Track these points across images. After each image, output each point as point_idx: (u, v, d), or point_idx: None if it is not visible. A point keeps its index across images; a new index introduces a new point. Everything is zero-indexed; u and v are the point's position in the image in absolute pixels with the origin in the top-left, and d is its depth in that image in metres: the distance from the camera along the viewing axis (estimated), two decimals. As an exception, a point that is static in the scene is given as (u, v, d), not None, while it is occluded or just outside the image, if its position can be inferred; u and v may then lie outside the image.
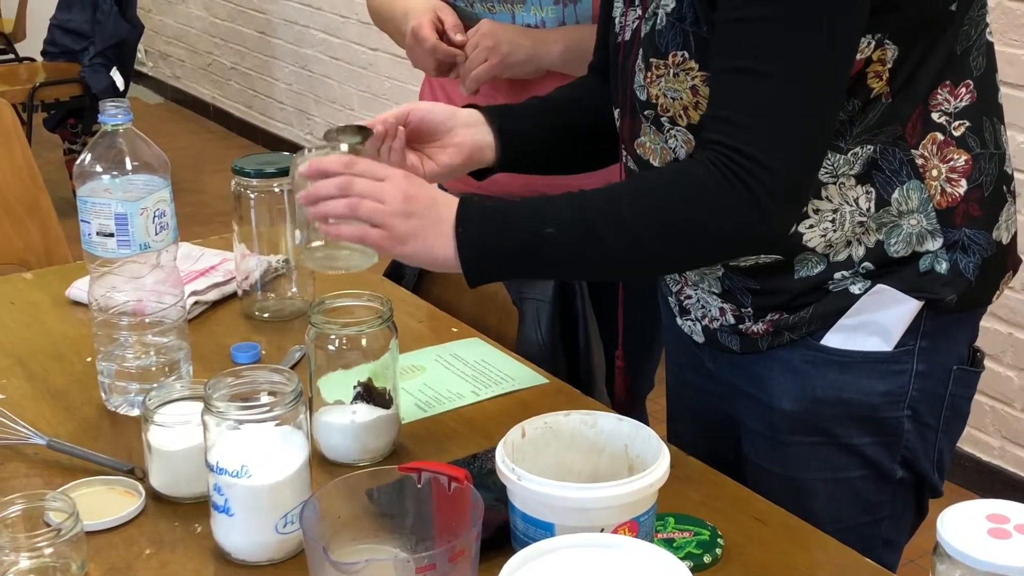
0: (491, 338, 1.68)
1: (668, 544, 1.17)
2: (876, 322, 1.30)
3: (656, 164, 1.33)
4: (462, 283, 1.25)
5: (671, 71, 1.26)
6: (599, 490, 1.03)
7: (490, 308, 1.81)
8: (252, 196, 1.67)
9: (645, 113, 1.32)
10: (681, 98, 1.26)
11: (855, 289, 1.29)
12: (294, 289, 1.74)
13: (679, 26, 1.25)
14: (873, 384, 1.31)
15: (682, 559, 1.02)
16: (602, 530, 1.03)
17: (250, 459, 1.13)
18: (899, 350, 1.30)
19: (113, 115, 1.37)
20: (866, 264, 1.28)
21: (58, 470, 1.33)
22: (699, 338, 1.43)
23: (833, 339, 1.31)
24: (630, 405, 1.58)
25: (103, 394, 1.47)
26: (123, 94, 5.11)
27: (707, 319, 1.40)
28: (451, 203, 1.23)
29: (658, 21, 1.27)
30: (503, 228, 1.22)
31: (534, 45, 1.76)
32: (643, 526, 1.06)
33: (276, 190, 1.67)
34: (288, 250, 1.71)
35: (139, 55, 6.30)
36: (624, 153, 1.41)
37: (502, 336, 1.71)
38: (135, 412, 1.41)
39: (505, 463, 1.06)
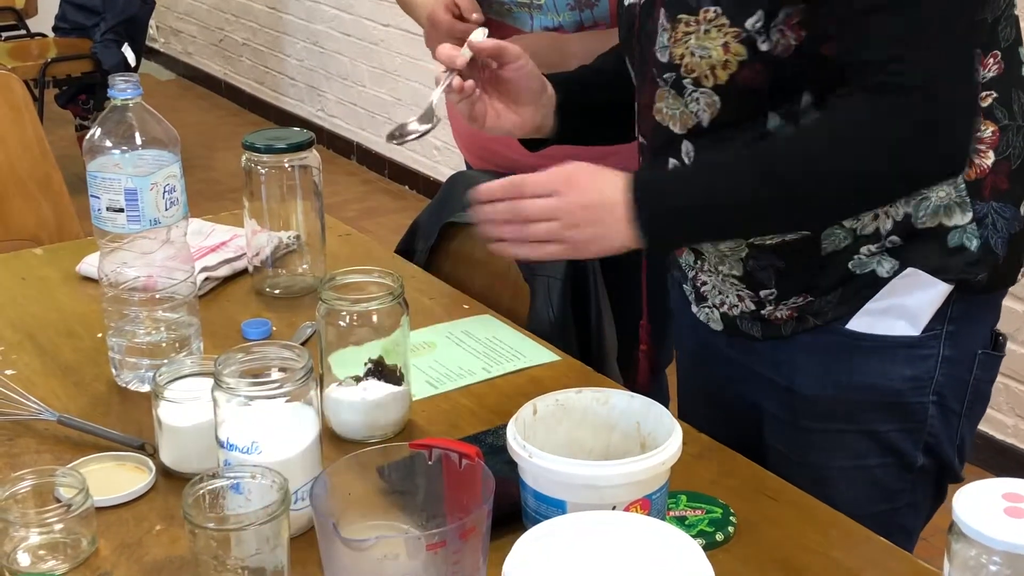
0: (503, 315, 1.67)
1: (680, 522, 1.16)
2: (904, 306, 1.28)
3: (676, 130, 1.32)
4: (474, 260, 1.26)
5: (702, 27, 1.24)
6: (611, 467, 1.03)
7: (502, 285, 1.80)
8: (263, 172, 1.66)
9: (665, 76, 1.30)
10: (710, 56, 1.24)
11: (883, 271, 1.28)
12: (305, 265, 1.73)
13: None
14: (899, 369, 1.29)
15: (694, 537, 1.02)
16: (614, 508, 1.02)
17: (260, 435, 1.13)
18: (926, 334, 1.29)
19: (123, 89, 1.36)
20: (893, 238, 1.27)
21: (68, 446, 1.33)
22: (716, 325, 1.41)
23: (859, 323, 1.30)
24: (650, 385, 1.56)
25: (113, 370, 1.47)
26: (134, 70, 5.10)
27: (726, 306, 1.39)
28: (619, 188, 1.23)
29: None
30: (679, 199, 1.24)
31: (554, 69, 1.75)
32: (655, 504, 1.05)
33: (287, 166, 1.66)
34: (299, 226, 1.71)
35: (150, 31, 6.29)
36: (639, 125, 1.40)
37: (514, 313, 1.71)
38: (145, 388, 1.41)
39: (516, 440, 1.06)
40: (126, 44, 5.06)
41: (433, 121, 1.40)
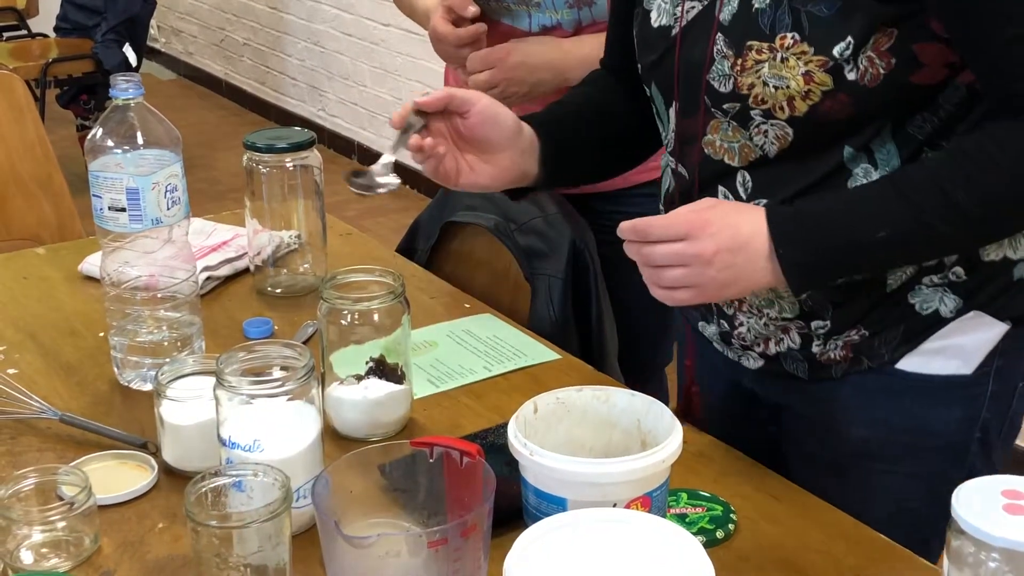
0: (503, 314, 1.67)
1: (681, 519, 1.17)
2: (959, 346, 1.23)
3: (732, 163, 1.23)
4: (475, 259, 1.25)
5: (778, 55, 1.15)
6: (612, 465, 1.03)
7: (503, 284, 1.80)
8: (264, 171, 1.66)
9: (725, 107, 1.21)
10: (788, 86, 1.15)
11: (945, 311, 1.22)
12: (306, 265, 1.74)
13: (788, 4, 1.15)
14: (951, 411, 1.24)
15: (695, 534, 1.02)
16: (615, 505, 1.02)
17: (262, 434, 1.13)
18: (978, 372, 1.24)
19: (124, 89, 1.37)
20: (957, 269, 1.21)
21: (71, 444, 1.33)
22: (752, 363, 1.33)
23: (909, 363, 1.24)
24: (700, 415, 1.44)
25: (116, 369, 1.47)
26: (136, 70, 5.10)
27: (764, 346, 1.30)
28: (758, 232, 1.14)
29: (758, 0, 1.17)
30: (829, 243, 1.15)
31: (555, 77, 1.75)
32: (656, 501, 1.05)
33: (288, 165, 1.66)
34: (300, 225, 1.71)
35: (151, 31, 6.29)
36: (674, 156, 1.31)
37: (514, 312, 1.71)
38: (147, 387, 1.41)
39: (517, 438, 1.06)
40: (127, 44, 5.06)
41: (394, 176, 1.30)
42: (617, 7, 1.42)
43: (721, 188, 1.25)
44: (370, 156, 5.36)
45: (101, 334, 1.55)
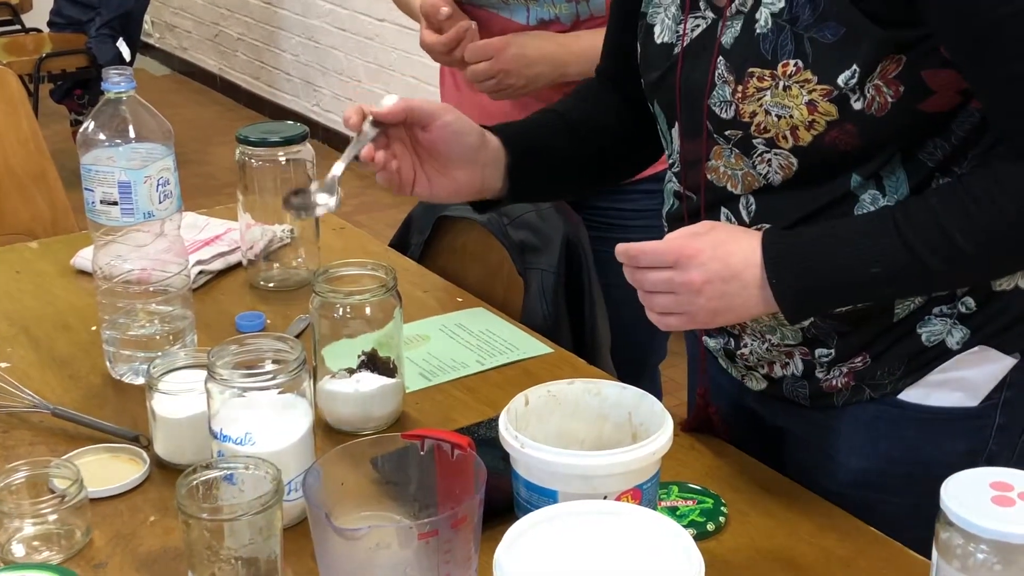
0: (496, 308, 1.68)
1: (672, 512, 1.17)
2: (964, 378, 1.21)
3: (736, 191, 1.20)
4: (467, 254, 1.24)
5: (780, 83, 1.11)
6: (602, 457, 1.03)
7: (495, 278, 1.80)
8: (257, 165, 1.66)
9: (726, 134, 1.18)
10: (791, 116, 1.11)
11: (952, 342, 1.19)
12: (299, 259, 1.74)
13: (790, 30, 1.10)
14: (954, 444, 1.21)
15: (685, 527, 1.02)
16: (605, 497, 1.02)
17: (254, 427, 1.13)
18: (984, 404, 1.21)
19: (116, 83, 1.37)
20: (967, 300, 1.18)
21: (63, 438, 1.33)
22: (755, 385, 1.31)
23: (912, 394, 1.21)
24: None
25: (108, 362, 1.47)
26: (129, 65, 5.09)
27: (772, 366, 1.27)
28: (751, 261, 1.12)
29: (759, 24, 1.12)
30: (822, 275, 1.12)
31: (552, 71, 1.75)
32: (646, 494, 1.06)
33: (281, 159, 1.66)
34: (293, 219, 1.71)
35: (145, 26, 6.28)
36: (679, 177, 1.28)
37: (507, 306, 1.71)
38: (140, 380, 1.42)
39: (508, 430, 1.06)
40: (121, 39, 5.06)
41: (337, 193, 1.23)
42: (617, 14, 1.39)
43: (724, 211, 1.22)
44: (364, 151, 5.36)
45: (93, 328, 1.55)
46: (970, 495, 0.90)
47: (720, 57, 1.16)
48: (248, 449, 1.13)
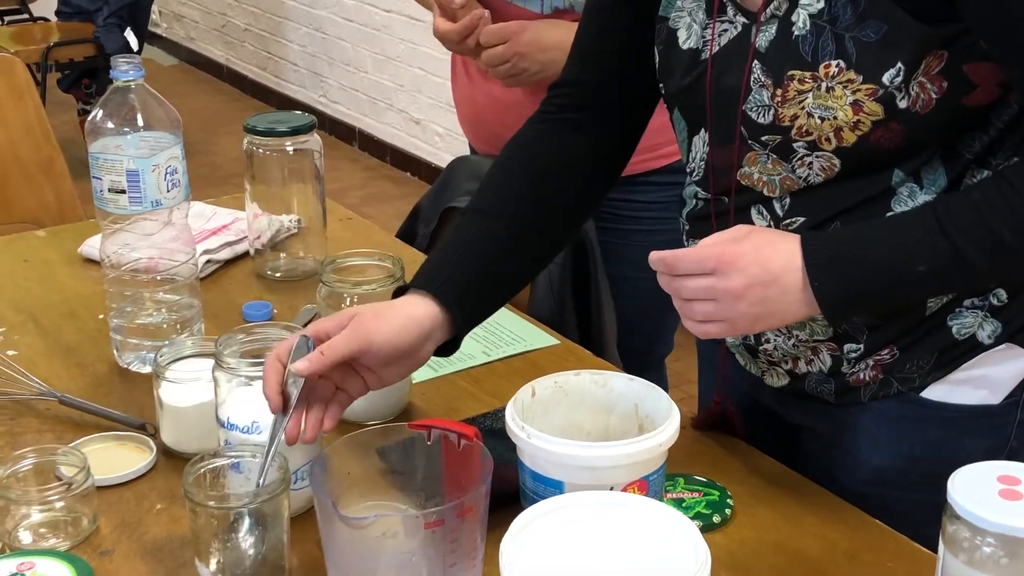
0: (503, 299, 1.67)
1: (678, 504, 1.17)
2: (988, 376, 1.20)
3: (773, 195, 1.18)
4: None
5: (822, 85, 1.10)
6: (609, 448, 1.03)
7: (502, 269, 1.80)
8: (264, 155, 1.67)
9: (763, 139, 1.16)
10: (835, 117, 1.10)
11: (983, 336, 1.18)
12: (306, 249, 1.74)
13: (830, 30, 1.09)
14: (977, 441, 1.21)
15: (691, 519, 1.02)
16: (611, 488, 1.03)
17: (261, 415, 1.13)
18: (1006, 402, 1.21)
19: (125, 71, 1.37)
20: (998, 292, 1.17)
21: (70, 425, 1.33)
22: (776, 382, 1.29)
23: (935, 392, 1.21)
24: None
25: (115, 351, 1.47)
26: (137, 55, 5.09)
27: (797, 362, 1.25)
28: (791, 265, 1.10)
29: (797, 27, 1.10)
30: (866, 276, 1.10)
31: (565, 56, 1.74)
32: (652, 485, 1.06)
33: (288, 149, 1.66)
34: (300, 209, 1.71)
35: (153, 16, 6.28)
36: (703, 183, 1.25)
37: (514, 298, 1.71)
38: (146, 369, 1.42)
39: (515, 421, 1.06)
40: (128, 29, 5.06)
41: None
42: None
43: (759, 207, 1.20)
44: (371, 142, 5.36)
45: (101, 316, 1.55)
46: (977, 488, 0.90)
47: (755, 62, 1.14)
48: (255, 438, 1.13)
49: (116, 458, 1.27)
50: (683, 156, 1.29)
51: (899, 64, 1.07)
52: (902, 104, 1.09)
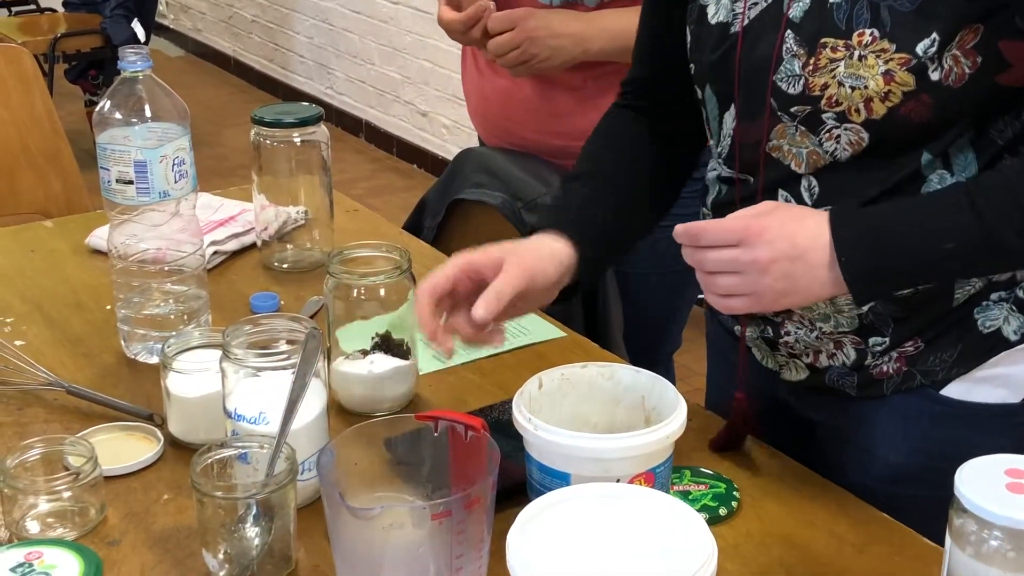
0: (509, 291, 1.67)
1: (684, 496, 1.17)
2: (1009, 375, 1.19)
3: (800, 171, 1.17)
4: (481, 237, 1.24)
5: (855, 53, 1.09)
6: (615, 440, 1.03)
7: (509, 262, 1.80)
8: (271, 146, 1.66)
9: (792, 110, 1.15)
10: (866, 86, 1.09)
11: (1009, 330, 1.18)
12: (313, 240, 1.74)
13: None
14: (994, 440, 1.16)
15: (698, 511, 1.02)
16: (618, 481, 1.03)
17: (268, 406, 1.14)
18: None
19: (132, 61, 1.37)
20: None
21: (77, 416, 1.34)
22: (795, 375, 1.28)
23: (955, 389, 1.20)
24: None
25: (122, 341, 1.47)
26: (144, 46, 5.10)
27: (819, 355, 1.24)
28: (819, 241, 1.09)
29: None
30: (894, 253, 1.09)
31: (575, 46, 1.74)
32: (659, 477, 1.06)
33: (295, 140, 1.66)
34: (307, 200, 1.71)
35: (160, 7, 6.28)
36: (728, 162, 1.24)
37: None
38: (154, 359, 1.42)
39: (522, 413, 1.06)
40: (136, 20, 5.06)
41: None
42: (654, 12, 1.35)
43: (783, 193, 1.19)
44: (378, 134, 5.36)
45: (108, 307, 1.55)
46: (984, 482, 0.90)
47: (788, 31, 1.14)
48: (262, 428, 1.14)
49: (123, 448, 1.27)
50: (712, 138, 1.29)
51: (934, 34, 1.07)
52: (934, 76, 1.08)
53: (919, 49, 1.07)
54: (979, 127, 1.13)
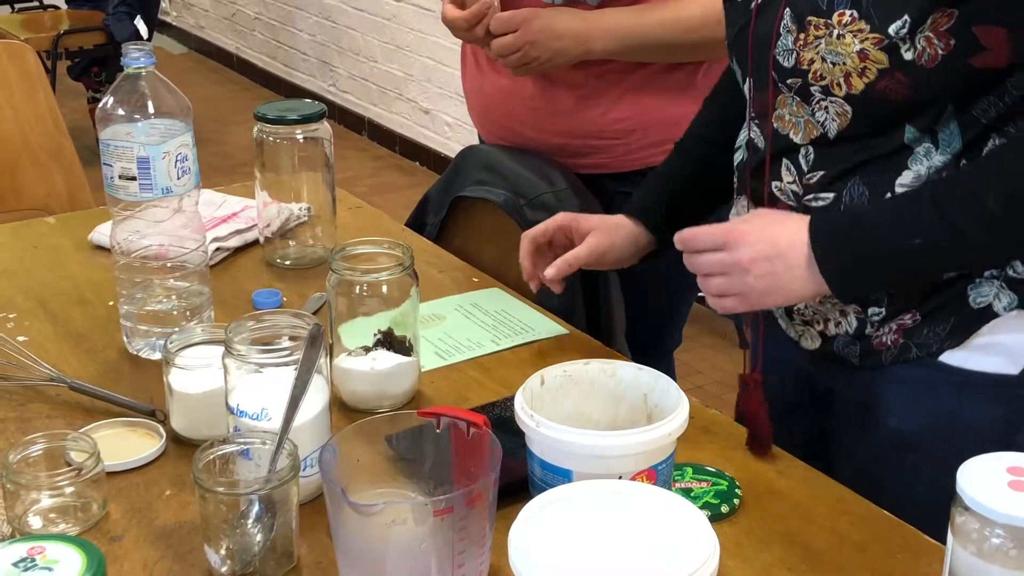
0: (512, 288, 1.67)
1: (686, 493, 1.17)
2: (1005, 344, 1.23)
3: (798, 140, 1.24)
4: (484, 234, 1.25)
5: (834, 32, 1.16)
6: (617, 437, 1.03)
7: (511, 259, 1.79)
8: (274, 143, 1.66)
9: (788, 82, 1.23)
10: (844, 63, 1.16)
11: (999, 307, 1.21)
12: (316, 237, 1.74)
13: None
14: (995, 409, 1.24)
15: (700, 508, 1.03)
16: (620, 477, 1.03)
17: (270, 402, 1.14)
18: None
19: (136, 58, 1.37)
20: (1016, 265, 1.20)
21: (80, 411, 1.34)
22: (810, 343, 1.33)
23: (953, 357, 1.24)
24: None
25: (125, 337, 1.47)
26: (147, 43, 5.09)
27: (828, 323, 1.30)
28: (797, 241, 1.18)
29: None
30: (866, 247, 1.17)
31: (577, 46, 1.74)
32: (661, 474, 1.06)
33: (298, 137, 1.66)
34: (310, 197, 1.71)
35: (163, 4, 6.29)
36: (751, 129, 1.32)
37: (523, 287, 1.70)
38: (156, 355, 1.42)
39: (524, 410, 1.06)
40: (139, 17, 5.05)
41: None
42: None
43: (786, 161, 1.26)
44: (380, 132, 5.36)
45: (111, 303, 1.56)
46: (986, 480, 0.90)
47: (786, 8, 1.21)
48: (264, 424, 1.14)
49: (126, 444, 1.27)
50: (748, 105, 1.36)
51: (905, 16, 1.12)
52: (907, 56, 1.13)
53: (891, 30, 1.13)
54: (961, 106, 1.17)
